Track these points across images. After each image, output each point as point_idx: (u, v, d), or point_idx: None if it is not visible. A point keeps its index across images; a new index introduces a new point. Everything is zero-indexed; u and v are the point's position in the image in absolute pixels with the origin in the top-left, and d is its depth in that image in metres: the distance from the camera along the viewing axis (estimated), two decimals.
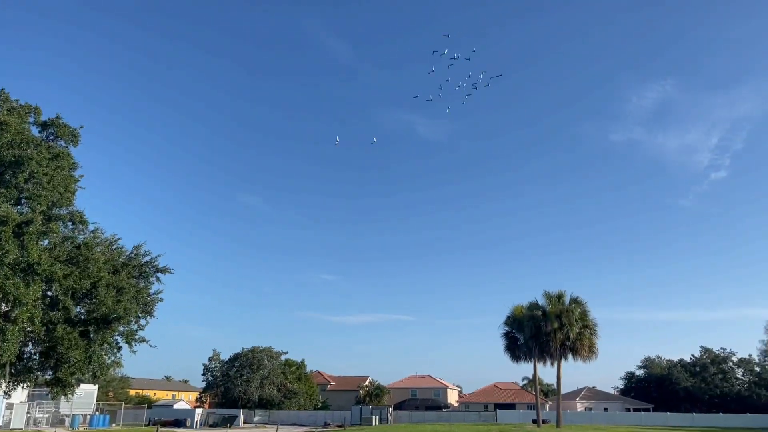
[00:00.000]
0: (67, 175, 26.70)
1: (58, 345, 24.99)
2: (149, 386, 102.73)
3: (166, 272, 30.43)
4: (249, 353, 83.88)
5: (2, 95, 26.14)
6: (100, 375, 28.87)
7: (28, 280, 22.34)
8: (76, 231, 27.66)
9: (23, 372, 26.35)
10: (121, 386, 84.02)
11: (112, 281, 26.52)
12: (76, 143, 27.96)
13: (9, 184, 24.14)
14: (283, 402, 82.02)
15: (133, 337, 28.27)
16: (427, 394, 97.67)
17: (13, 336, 22.45)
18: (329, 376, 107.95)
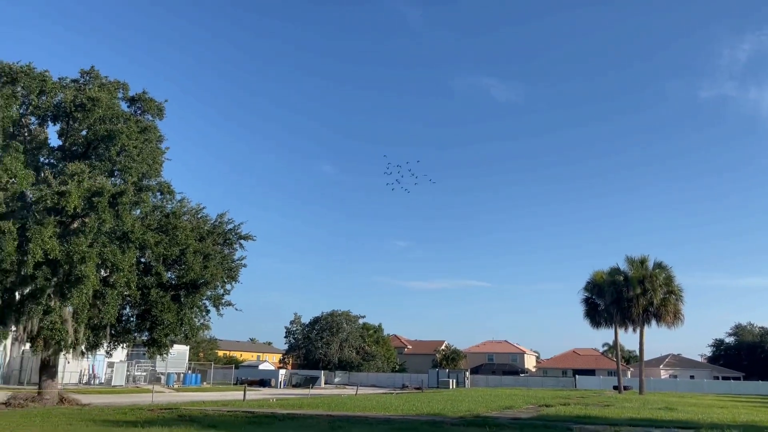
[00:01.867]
0: (155, 148, 27.98)
1: (152, 308, 26.60)
2: (235, 348, 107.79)
3: (249, 239, 31.57)
4: (328, 317, 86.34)
5: (92, 72, 27.51)
6: (191, 336, 30.55)
7: (123, 247, 23.76)
8: (165, 201, 29.04)
9: (122, 333, 28.27)
10: (210, 347, 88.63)
11: (198, 248, 27.79)
12: (161, 116, 29.20)
13: (103, 157, 25.58)
14: (361, 364, 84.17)
15: (220, 301, 29.71)
16: (503, 359, 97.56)
17: (113, 299, 24.08)
18: (406, 340, 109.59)
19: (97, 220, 22.15)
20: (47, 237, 20.85)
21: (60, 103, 25.43)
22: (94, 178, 23.40)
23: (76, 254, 21.39)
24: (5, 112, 23.41)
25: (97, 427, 16.80)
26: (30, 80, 24.74)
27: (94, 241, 22.41)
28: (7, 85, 24.14)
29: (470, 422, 20.25)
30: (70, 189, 21.47)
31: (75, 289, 21.78)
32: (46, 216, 21.29)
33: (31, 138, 25.31)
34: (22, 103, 25.09)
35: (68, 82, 26.64)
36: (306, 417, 21.55)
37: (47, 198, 21.38)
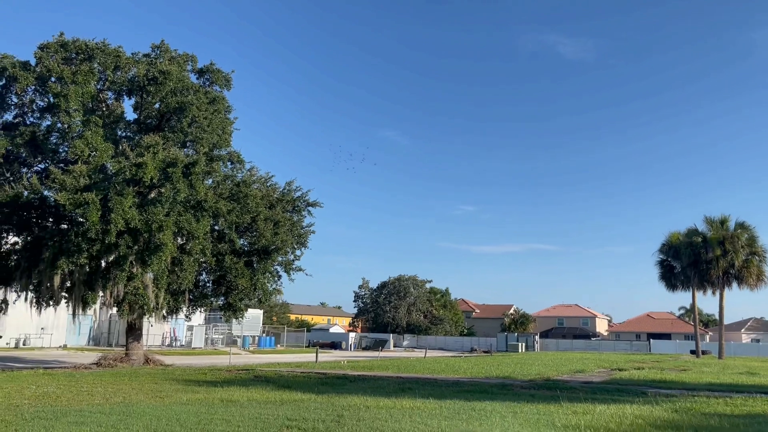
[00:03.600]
0: (224, 118, 28.67)
1: (227, 274, 27.63)
2: (307, 312, 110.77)
3: (316, 206, 32.14)
4: (395, 281, 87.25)
5: (162, 46, 28.25)
6: (264, 301, 31.63)
7: (198, 215, 24.65)
8: (235, 170, 29.85)
9: (200, 298, 29.56)
10: (283, 311, 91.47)
11: (269, 215, 28.51)
12: (229, 87, 29.80)
13: (175, 129, 26.44)
14: (429, 328, 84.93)
15: (291, 267, 30.54)
16: (574, 323, 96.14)
17: (190, 266, 25.14)
18: (473, 304, 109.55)
19: (172, 189, 23.00)
20: (127, 207, 21.85)
21: (134, 78, 26.33)
22: (168, 149, 24.24)
23: (154, 223, 22.35)
24: (84, 88, 24.46)
25: (180, 386, 17.74)
26: (105, 56, 25.68)
27: (171, 210, 23.32)
28: (85, 62, 25.15)
29: (540, 385, 20.15)
30: (147, 160, 22.33)
31: (154, 256, 22.83)
32: (125, 187, 22.27)
33: (109, 112, 26.39)
34: (99, 79, 26.13)
35: (140, 57, 27.49)
36: (376, 378, 22.00)
37: (126, 170, 22.34)
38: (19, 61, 25.03)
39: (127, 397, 14.49)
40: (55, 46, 25.18)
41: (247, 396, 15.02)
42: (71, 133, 24.33)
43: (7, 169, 25.00)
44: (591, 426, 10.90)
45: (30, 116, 26.16)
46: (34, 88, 25.09)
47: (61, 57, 25.02)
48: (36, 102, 25.90)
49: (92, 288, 24.21)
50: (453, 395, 16.22)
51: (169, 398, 14.42)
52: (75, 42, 25.43)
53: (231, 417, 11.22)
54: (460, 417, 11.82)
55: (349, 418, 11.38)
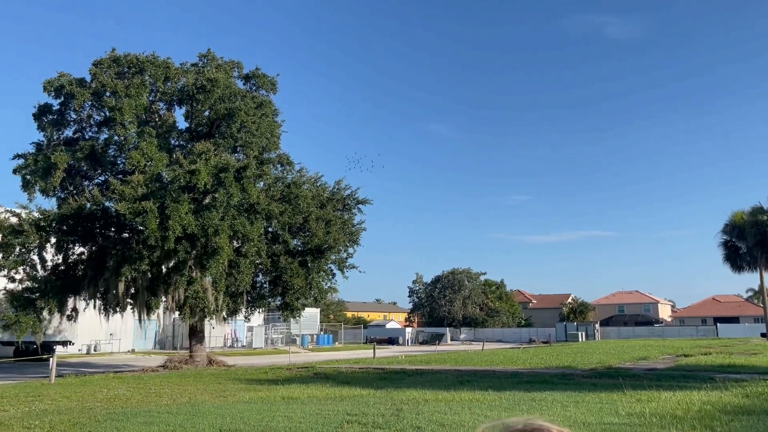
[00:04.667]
0: (272, 122, 29.17)
1: (282, 274, 28.13)
2: (362, 309, 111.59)
3: (366, 203, 32.36)
4: (449, 275, 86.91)
5: (209, 54, 28.96)
6: (320, 299, 32.08)
7: (251, 218, 25.18)
8: (285, 172, 30.34)
9: (257, 299, 30.22)
10: (339, 309, 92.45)
11: (320, 215, 28.87)
12: (275, 91, 30.32)
13: (225, 135, 27.08)
14: (486, 320, 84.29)
15: (344, 265, 30.84)
16: (635, 309, 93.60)
17: (246, 268, 25.70)
18: (530, 295, 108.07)
19: (226, 194, 23.55)
20: (184, 213, 22.50)
21: (183, 87, 27.07)
22: (219, 155, 24.85)
23: (210, 228, 22.94)
24: (137, 100, 25.31)
25: (242, 385, 18.18)
26: (155, 68, 26.49)
27: (225, 214, 23.90)
28: (136, 75, 26.02)
29: (602, 374, 19.72)
30: (200, 167, 22.94)
31: (212, 260, 23.45)
32: (180, 194, 22.94)
33: (162, 122, 27.22)
34: (151, 91, 26.98)
35: (189, 67, 28.24)
36: (434, 372, 22.00)
37: (180, 177, 23.00)
38: (75, 78, 26.08)
39: (193, 398, 14.94)
40: (108, 62, 26.13)
41: (307, 393, 15.27)
42: (127, 145, 25.25)
43: (69, 183, 26.13)
44: (656, 413, 10.61)
45: (88, 131, 27.27)
46: (91, 103, 26.11)
47: (114, 72, 25.96)
48: (93, 117, 26.98)
49: (155, 293, 25.06)
50: (512, 386, 16.07)
51: (232, 397, 14.80)
52: (126, 56, 26.33)
53: (292, 414, 11.43)
54: (520, 408, 11.71)
55: (408, 411, 11.43)
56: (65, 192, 26.08)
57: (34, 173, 24.44)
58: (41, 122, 26.22)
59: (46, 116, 26.33)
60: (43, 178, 24.33)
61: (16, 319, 23.29)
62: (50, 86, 25.41)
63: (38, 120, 26.29)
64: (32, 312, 23.64)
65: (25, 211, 24.45)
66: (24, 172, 24.70)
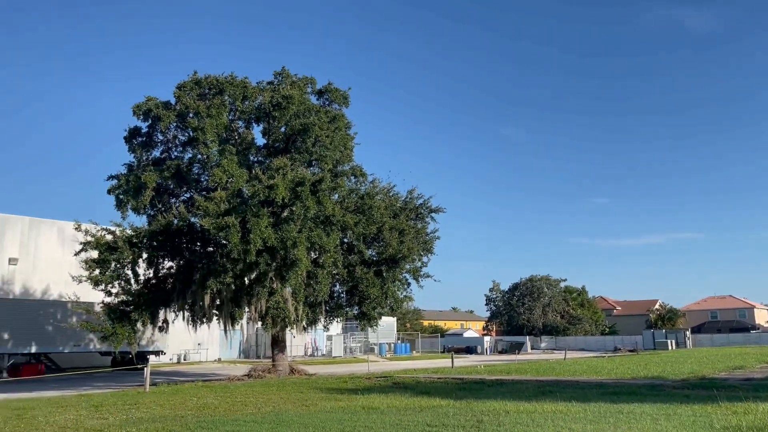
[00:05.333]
0: (345, 135, 29.75)
1: (359, 284, 28.52)
2: (439, 317, 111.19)
3: (439, 212, 32.37)
4: (527, 282, 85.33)
5: (284, 72, 29.90)
6: (396, 308, 32.28)
7: (327, 230, 25.71)
8: (358, 183, 30.82)
9: (335, 308, 30.76)
10: (415, 318, 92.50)
11: (393, 225, 29.12)
12: (347, 104, 30.92)
13: (300, 149, 27.84)
14: (567, 328, 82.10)
15: (419, 274, 30.92)
16: (729, 315, 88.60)
17: (324, 278, 26.23)
18: (613, 301, 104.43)
19: (302, 207, 24.15)
20: (263, 227, 23.26)
21: (260, 105, 28.07)
22: (295, 169, 25.55)
23: (288, 240, 23.58)
24: (218, 120, 26.44)
25: (323, 394, 18.54)
26: (234, 88, 27.61)
27: (302, 226, 24.51)
28: (217, 96, 27.20)
29: (694, 385, 18.79)
30: (278, 182, 23.66)
31: (291, 271, 24.10)
32: (260, 208, 23.72)
33: (241, 140, 28.29)
34: (230, 110, 28.12)
35: (264, 85, 29.25)
36: (515, 382, 21.63)
37: (260, 192, 23.80)
38: (161, 101, 27.53)
39: (277, 407, 15.38)
40: (191, 84, 27.45)
41: (386, 403, 15.38)
42: (210, 163, 26.43)
43: (158, 201, 27.56)
44: (754, 427, 10.04)
45: (174, 151, 28.68)
46: (176, 124, 27.48)
47: (197, 94, 27.24)
48: (178, 137, 28.38)
49: (239, 304, 26.00)
50: (597, 397, 15.58)
51: (314, 406, 15.13)
52: (207, 78, 27.58)
53: (372, 424, 11.57)
54: (606, 420, 11.35)
55: (489, 423, 11.32)
56: (154, 209, 27.53)
57: (127, 193, 25.96)
58: (131, 144, 27.83)
59: (135, 139, 27.94)
60: (134, 197, 25.80)
61: (113, 331, 24.74)
62: (139, 110, 26.96)
63: (129, 142, 27.93)
64: (127, 324, 25.05)
65: (119, 229, 26.01)
66: (117, 192, 26.30)
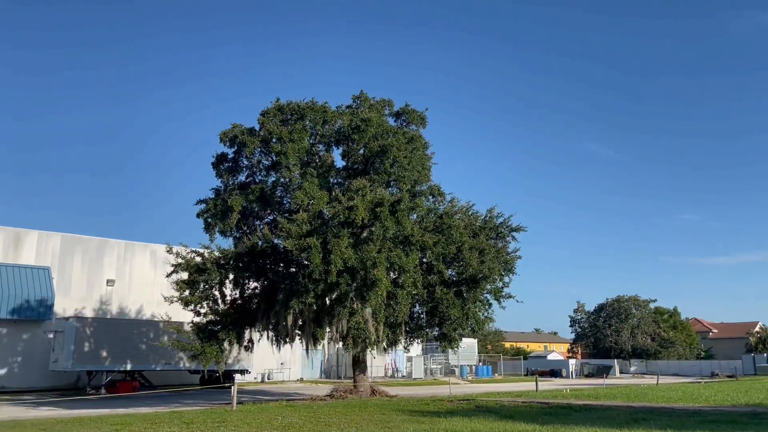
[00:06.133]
0: (422, 155, 29.93)
1: (439, 305, 28.31)
2: (521, 339, 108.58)
3: (520, 230, 31.71)
4: (614, 303, 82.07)
5: (362, 96, 30.55)
6: (477, 329, 31.75)
7: (406, 250, 25.76)
8: (436, 203, 30.80)
9: (415, 329, 30.64)
10: (497, 339, 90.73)
11: (473, 244, 28.78)
12: (424, 125, 31.14)
13: (379, 171, 28.19)
14: (658, 351, 78.15)
15: (500, 294, 30.33)
16: None
17: (404, 299, 26.24)
18: (709, 324, 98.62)
19: (382, 227, 24.35)
20: (344, 247, 23.59)
21: (340, 129, 28.73)
22: (374, 190, 25.85)
23: (368, 260, 23.79)
24: (299, 144, 27.24)
25: (405, 416, 18.43)
26: (314, 113, 28.41)
27: (382, 246, 24.68)
28: (298, 121, 28.08)
29: None
30: (357, 203, 24.01)
31: (371, 291, 24.25)
32: (340, 229, 24.11)
33: (321, 163, 28.98)
34: (311, 134, 28.93)
35: (344, 109, 29.93)
36: (604, 408, 20.73)
37: (340, 213, 24.22)
38: (246, 128, 28.70)
39: (359, 428, 15.42)
40: (273, 111, 28.48)
41: (470, 427, 15.10)
42: (292, 186, 27.23)
43: (243, 223, 28.59)
44: None
45: (258, 175, 29.74)
46: (260, 149, 28.54)
47: (279, 119, 28.24)
48: (262, 162, 29.41)
49: (320, 325, 26.40)
50: (694, 426, 14.69)
51: (396, 428, 15.06)
52: (289, 104, 28.54)
53: None
54: None
55: None
56: (240, 232, 28.56)
57: (214, 216, 27.12)
58: (218, 170, 29.11)
59: (222, 164, 29.20)
60: (221, 220, 26.90)
61: (202, 350, 25.68)
62: (225, 137, 28.21)
63: (216, 168, 29.22)
64: (215, 343, 25.96)
65: (207, 251, 27.14)
66: (206, 215, 27.52)
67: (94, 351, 33.07)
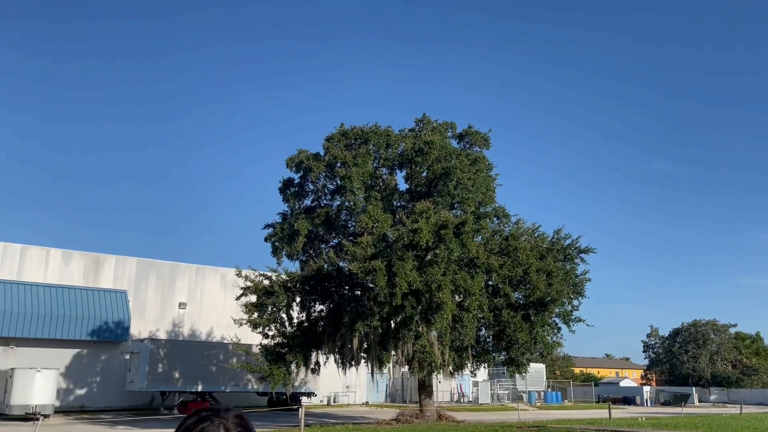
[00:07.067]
0: (486, 176, 29.75)
1: (505, 328, 27.79)
2: (591, 364, 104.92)
3: (589, 252, 30.90)
4: (690, 327, 78.34)
5: (424, 119, 30.76)
6: (546, 354, 30.97)
7: (471, 272, 25.52)
8: (502, 225, 30.47)
9: (482, 353, 30.14)
10: (566, 365, 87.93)
11: (540, 266, 28.20)
12: (488, 146, 31.03)
13: (442, 193, 28.19)
14: (741, 379, 73.84)
15: (570, 317, 29.51)
16: None
17: (469, 322, 25.91)
18: None
19: (446, 250, 24.25)
20: (408, 270, 23.60)
21: (402, 152, 28.98)
22: (438, 213, 25.82)
23: (433, 283, 23.70)
24: (363, 168, 27.60)
25: None
26: (378, 137, 28.78)
27: (446, 269, 24.54)
28: (362, 146, 28.51)
29: None
30: (421, 225, 24.03)
31: (436, 314, 24.09)
32: (405, 252, 24.16)
33: (384, 186, 29.24)
34: (374, 158, 29.27)
35: (406, 133, 30.19)
36: None
37: (404, 236, 24.29)
38: (311, 153, 29.35)
39: None
40: (338, 136, 29.03)
41: None
42: (356, 209, 27.56)
43: (309, 247, 29.08)
44: None
45: (323, 199, 30.29)
46: (325, 174, 29.09)
47: (343, 144, 28.76)
48: (327, 186, 29.97)
49: (386, 348, 26.39)
50: None
51: None
52: (353, 129, 29.04)
53: None
54: None
55: None
56: (306, 255, 29.05)
57: (281, 240, 27.72)
58: (285, 195, 29.81)
59: (288, 189, 29.90)
60: (288, 244, 27.46)
61: (270, 372, 26.09)
62: (291, 162, 28.92)
63: (283, 193, 29.95)
64: (283, 365, 26.33)
65: (275, 274, 27.71)
66: (273, 239, 28.16)
67: (167, 372, 34.10)
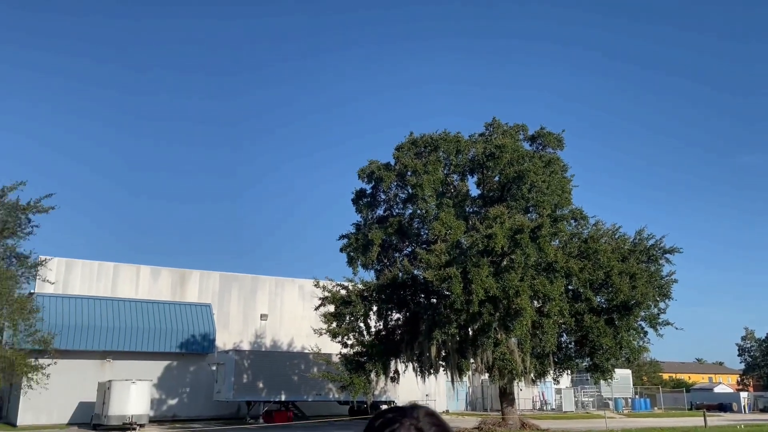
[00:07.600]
0: (561, 178, 29.04)
1: (588, 333, 26.92)
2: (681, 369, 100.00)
3: (674, 252, 29.54)
4: None
5: (494, 122, 30.41)
6: (632, 359, 29.82)
7: (550, 277, 24.92)
8: (580, 227, 29.63)
9: (564, 360, 29.34)
10: (653, 370, 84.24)
11: (623, 269, 27.20)
12: (562, 147, 30.31)
13: (516, 197, 27.72)
14: None
15: (656, 321, 28.31)
16: None
17: (550, 328, 25.28)
18: None
19: (522, 255, 23.81)
20: (484, 276, 23.32)
21: (473, 157, 28.75)
22: (512, 217, 25.42)
23: (510, 289, 23.31)
24: (434, 175, 27.59)
25: None
26: (447, 144, 28.70)
27: (524, 274, 24.09)
28: (432, 153, 28.51)
29: None
30: (495, 231, 23.72)
31: (515, 321, 23.67)
32: (480, 258, 23.91)
33: (456, 192, 29.08)
34: (445, 165, 29.21)
35: (476, 137, 29.95)
36: None
37: (478, 242, 24.05)
38: (382, 163, 29.59)
39: None
40: (408, 145, 29.15)
41: None
42: (429, 217, 27.55)
43: (384, 256, 29.29)
44: None
45: (395, 208, 30.46)
46: (396, 183, 29.26)
47: (413, 153, 28.85)
48: (398, 195, 30.14)
49: (464, 355, 26.16)
50: None
51: None
52: (422, 138, 29.09)
53: None
54: None
55: None
56: (380, 264, 29.27)
57: (356, 250, 28.06)
58: (358, 205, 30.18)
59: (361, 200, 30.25)
60: (363, 254, 27.77)
61: (350, 381, 26.38)
62: (363, 173, 29.26)
63: (356, 204, 30.33)
64: (362, 374, 26.56)
65: (351, 284, 28.06)
66: (348, 250, 28.56)
67: (251, 382, 35.11)
